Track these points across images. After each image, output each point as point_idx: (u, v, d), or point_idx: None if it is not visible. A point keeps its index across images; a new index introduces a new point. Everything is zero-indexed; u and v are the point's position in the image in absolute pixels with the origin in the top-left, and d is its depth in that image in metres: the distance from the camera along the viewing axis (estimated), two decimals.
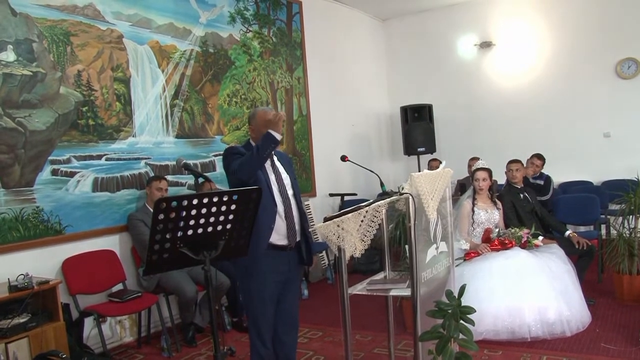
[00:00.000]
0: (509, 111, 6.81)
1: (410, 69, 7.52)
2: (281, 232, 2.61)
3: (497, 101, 6.89)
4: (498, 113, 6.88)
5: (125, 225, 3.93)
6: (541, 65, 6.65)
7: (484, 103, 6.97)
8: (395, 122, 7.30)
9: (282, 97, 5.66)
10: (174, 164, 4.32)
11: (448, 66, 7.20)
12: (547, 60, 6.61)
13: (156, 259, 1.86)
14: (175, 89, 4.43)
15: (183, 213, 1.82)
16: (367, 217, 2.38)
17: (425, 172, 2.73)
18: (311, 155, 6.05)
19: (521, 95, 6.74)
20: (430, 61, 7.32)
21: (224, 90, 4.92)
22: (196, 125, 4.62)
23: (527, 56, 6.72)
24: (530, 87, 6.70)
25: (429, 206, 2.57)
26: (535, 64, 6.68)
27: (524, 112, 6.71)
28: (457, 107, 7.14)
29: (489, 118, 6.95)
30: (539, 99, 6.63)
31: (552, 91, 6.56)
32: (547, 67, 6.61)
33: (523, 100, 6.72)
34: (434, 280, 2.63)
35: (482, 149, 6.48)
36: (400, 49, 7.60)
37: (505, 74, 6.87)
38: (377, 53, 7.62)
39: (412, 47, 7.48)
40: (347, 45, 6.88)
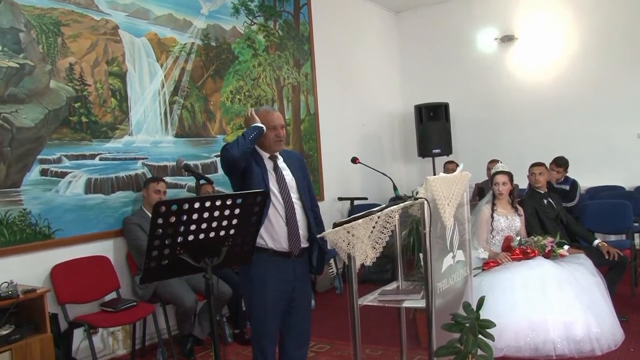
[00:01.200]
0: (531, 110, 6.77)
1: (425, 65, 7.51)
2: (281, 238, 2.60)
3: (519, 99, 6.86)
4: (520, 112, 6.85)
5: (120, 230, 3.95)
6: (567, 60, 6.60)
7: (505, 101, 6.94)
8: (409, 121, 7.30)
9: (288, 94, 5.68)
10: (172, 165, 4.35)
11: (466, 62, 7.19)
12: (574, 55, 6.55)
13: (154, 266, 1.88)
14: (174, 84, 4.46)
15: (184, 217, 1.83)
16: (379, 223, 2.39)
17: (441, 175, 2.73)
18: (319, 157, 6.06)
19: (545, 92, 6.70)
20: (447, 57, 7.32)
21: (226, 86, 4.95)
22: (197, 123, 4.64)
23: (552, 50, 6.68)
24: (556, 84, 6.65)
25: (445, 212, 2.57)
26: (561, 59, 6.64)
27: (548, 111, 6.66)
28: (475, 106, 7.13)
29: (510, 117, 6.91)
30: (564, 96, 6.58)
31: (580, 88, 6.50)
32: (574, 62, 6.55)
33: (547, 98, 6.68)
34: (450, 291, 2.63)
35: (502, 151, 6.45)
36: (415, 43, 7.60)
37: (528, 70, 6.83)
38: (390, 48, 7.63)
39: (428, 41, 7.47)
40: (357, 39, 6.90)
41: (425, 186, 2.52)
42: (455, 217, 2.71)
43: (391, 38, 7.65)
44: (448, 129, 6.81)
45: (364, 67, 7.00)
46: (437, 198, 2.52)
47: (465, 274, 2.88)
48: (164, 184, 4.05)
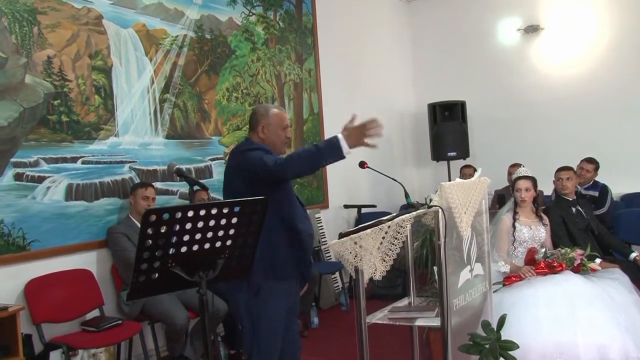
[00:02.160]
0: (558, 109, 6.74)
1: (440, 60, 7.53)
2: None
3: (545, 96, 6.83)
4: (545, 111, 6.82)
5: (104, 240, 3.95)
6: (599, 53, 6.55)
7: (529, 99, 6.93)
8: (422, 122, 7.31)
9: (290, 92, 5.71)
10: (163, 169, 4.37)
11: (485, 55, 7.20)
12: (606, 47, 6.51)
13: (143, 280, 1.89)
14: (165, 81, 4.49)
15: (176, 227, 1.84)
16: (389, 233, 2.40)
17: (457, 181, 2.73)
18: None
19: (574, 89, 6.65)
20: (464, 50, 7.33)
21: (222, 83, 4.98)
22: (190, 124, 4.67)
23: (581, 42, 6.64)
24: (586, 80, 6.60)
25: (462, 221, 2.58)
26: (592, 52, 6.59)
27: (577, 110, 6.62)
28: (495, 104, 7.13)
29: (533, 117, 6.90)
30: (595, 93, 6.53)
31: (613, 84, 6.44)
32: (606, 54, 6.50)
33: (576, 95, 6.63)
34: (467, 309, 2.64)
35: (525, 154, 6.44)
36: (429, 35, 7.62)
37: (554, 65, 6.80)
38: (402, 40, 7.65)
39: (443, 33, 7.49)
40: (366, 32, 6.92)
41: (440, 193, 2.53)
42: (472, 226, 2.72)
43: (403, 30, 7.68)
44: (465, 129, 6.82)
45: (373, 62, 7.02)
46: (452, 206, 2.53)
47: (484, 289, 2.89)
48: (154, 190, 4.07)
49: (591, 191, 5.44)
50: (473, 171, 6.01)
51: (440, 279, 2.39)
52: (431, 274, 3.56)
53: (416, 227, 3.39)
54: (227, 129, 4.99)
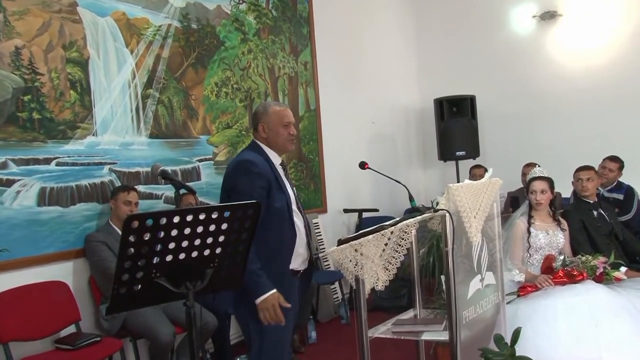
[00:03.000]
0: (577, 103, 6.73)
1: (447, 50, 7.55)
2: (305, 254, 2.81)
3: (563, 90, 6.82)
4: (563, 105, 6.82)
5: (81, 249, 3.94)
6: (622, 42, 6.53)
7: (545, 92, 6.93)
8: (428, 118, 7.33)
9: (284, 87, 5.72)
10: (146, 171, 4.38)
11: (497, 46, 7.21)
12: (630, 36, 6.49)
13: (124, 292, 1.89)
14: (148, 75, 4.50)
15: (161, 234, 1.85)
16: (393, 239, 2.41)
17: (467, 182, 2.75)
18: (321, 161, 6.10)
19: (595, 81, 6.63)
20: (473, 40, 7.35)
21: (210, 77, 4.99)
22: (175, 121, 4.68)
23: (603, 30, 6.62)
24: (608, 71, 6.58)
25: (472, 226, 2.59)
26: (615, 40, 6.57)
27: (598, 104, 6.61)
28: (508, 99, 7.14)
29: (550, 112, 6.91)
30: (618, 86, 6.50)
31: (637, 76, 6.41)
32: (631, 44, 6.48)
33: (598, 88, 6.61)
34: (478, 321, 2.65)
35: (540, 153, 6.45)
36: (435, 24, 7.64)
37: (573, 55, 6.79)
38: (405, 30, 7.67)
39: (450, 21, 7.51)
40: (366, 21, 6.94)
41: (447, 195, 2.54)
42: (483, 232, 2.73)
43: (407, 18, 7.70)
44: (474, 126, 6.83)
45: (375, 54, 7.04)
46: (461, 210, 2.54)
47: (496, 300, 2.90)
48: (136, 194, 4.07)
49: (615, 193, 5.37)
50: (483, 172, 6.05)
51: (448, 289, 2.40)
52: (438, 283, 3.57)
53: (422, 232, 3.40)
54: (216, 127, 5.00)
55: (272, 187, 2.74)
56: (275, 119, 2.88)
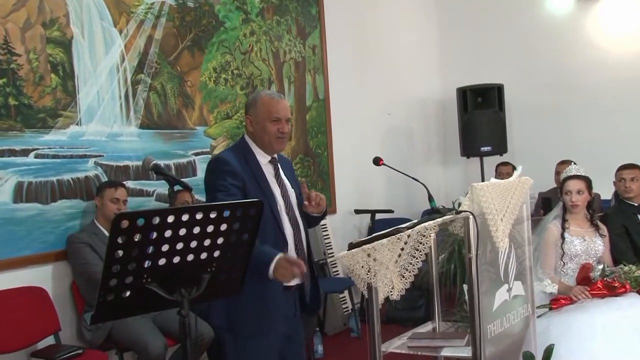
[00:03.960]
0: (620, 93, 6.65)
1: (472, 34, 7.52)
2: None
3: (603, 79, 6.75)
4: (603, 96, 6.75)
5: (63, 251, 3.95)
6: None
7: (583, 82, 6.86)
8: (450, 110, 7.31)
9: (290, 73, 5.73)
10: (137, 165, 4.40)
11: (529, 28, 7.16)
12: None
13: (112, 299, 1.90)
14: (139, 58, 4.51)
15: (153, 235, 1.86)
16: (409, 244, 2.41)
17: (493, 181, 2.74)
18: (330, 157, 6.11)
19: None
20: (502, 22, 7.31)
21: (208, 62, 5.00)
22: (169, 111, 4.69)
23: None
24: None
25: (498, 230, 2.59)
26: None
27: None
28: (540, 88, 7.10)
29: (588, 103, 6.84)
30: None
31: None
32: None
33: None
34: (505, 337, 2.64)
35: (576, 149, 6.40)
36: (459, 5, 7.62)
37: (618, 39, 6.71)
38: (426, 11, 7.66)
39: (476, 2, 7.49)
40: (382, 1, 6.93)
41: (471, 196, 2.53)
42: (511, 237, 2.73)
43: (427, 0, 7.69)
44: (502, 119, 6.81)
45: (391, 38, 7.03)
46: (486, 211, 2.54)
47: (525, 313, 2.90)
48: (125, 191, 4.08)
49: None
50: (512, 170, 6.02)
51: (471, 300, 2.40)
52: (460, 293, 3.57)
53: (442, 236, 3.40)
54: (215, 117, 5.01)
55: (249, 188, 2.72)
56: (262, 112, 2.82)
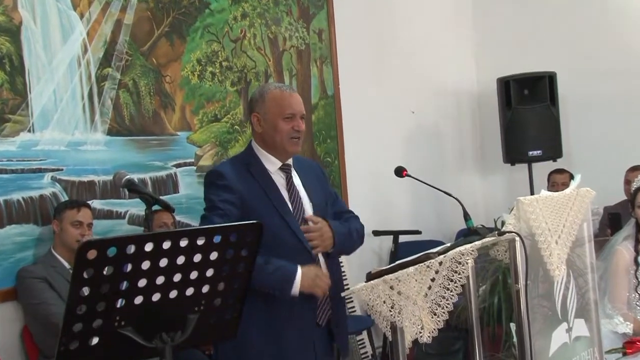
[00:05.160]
0: None
1: (516, 12, 7.52)
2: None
3: None
4: None
5: (12, 289, 3.94)
6: None
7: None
8: (489, 105, 7.30)
9: (291, 64, 5.74)
10: (105, 181, 4.41)
11: (588, 5, 7.17)
12: None
13: (76, 348, 1.90)
14: (105, 48, 4.52)
15: (127, 267, 1.87)
16: (442, 273, 2.41)
17: (545, 194, 2.74)
18: (342, 166, 6.10)
19: None
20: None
21: (191, 52, 5.01)
22: (144, 113, 4.70)
23: None
24: None
25: (552, 254, 2.59)
26: None
27: None
28: (602, 77, 7.04)
29: None
30: None
31: None
32: None
33: None
34: None
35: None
36: None
37: None
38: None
39: None
40: None
41: (517, 212, 2.53)
42: (569, 263, 2.72)
43: None
44: (555, 116, 6.79)
45: (415, 19, 7.05)
46: (537, 232, 2.53)
47: (591, 359, 2.88)
48: (89, 212, 4.09)
49: None
50: (568, 179, 6.01)
51: (521, 343, 2.40)
52: (507, 334, 3.56)
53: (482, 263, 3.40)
54: (200, 120, 5.02)
55: (251, 205, 2.77)
56: (272, 108, 2.88)
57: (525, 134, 6.74)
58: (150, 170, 4.70)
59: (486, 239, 2.54)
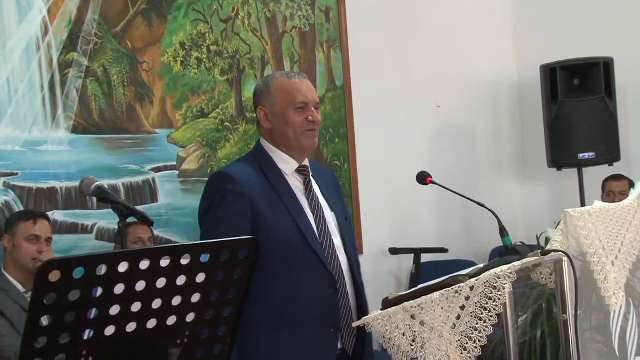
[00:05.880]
0: None
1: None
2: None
3: None
4: None
5: None
6: None
7: None
8: (531, 98, 7.30)
9: (293, 49, 5.75)
10: (69, 187, 4.42)
11: None
12: None
13: None
14: (69, 29, 4.53)
15: (97, 292, 1.87)
16: (474, 300, 2.42)
17: (599, 204, 2.75)
18: (353, 171, 6.11)
19: None
20: None
21: (173, 35, 5.03)
22: (116, 106, 4.71)
23: None
24: None
25: (608, 278, 2.59)
26: None
27: None
28: None
29: None
30: None
31: None
32: None
33: None
34: None
35: None
36: None
37: None
38: None
39: None
40: None
41: (565, 227, 2.54)
42: (629, 289, 2.72)
43: None
44: (612, 110, 6.78)
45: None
46: (589, 251, 2.54)
47: None
48: (48, 225, 4.10)
49: None
50: (627, 187, 5.99)
51: None
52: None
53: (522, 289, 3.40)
54: (183, 115, 5.03)
55: (266, 214, 2.80)
56: (281, 99, 2.93)
57: (574, 133, 6.72)
58: (124, 175, 4.71)
59: (527, 260, 2.54)
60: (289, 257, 2.80)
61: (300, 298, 2.82)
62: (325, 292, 2.82)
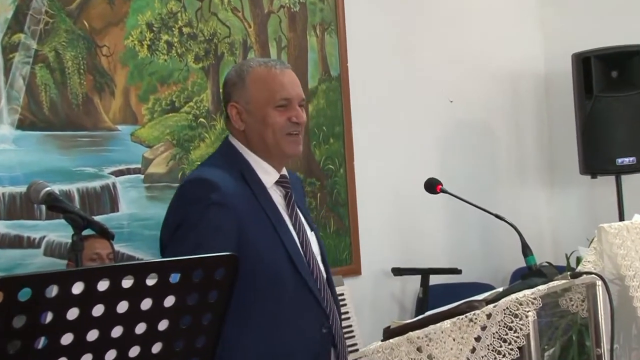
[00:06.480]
0: None
1: None
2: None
3: None
4: None
5: None
6: None
7: None
8: (561, 92, 7.33)
9: (280, 33, 5.77)
10: (15, 193, 4.42)
11: None
12: None
13: None
14: (14, 6, 4.54)
15: (46, 317, 1.87)
16: (492, 329, 2.43)
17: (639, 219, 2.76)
18: (350, 176, 6.13)
19: None
20: None
21: (138, 14, 5.04)
22: (70, 98, 4.72)
23: None
24: None
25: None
26: None
27: None
28: None
29: None
30: None
31: None
32: None
33: None
34: None
35: None
36: None
37: None
38: None
39: None
40: None
41: (600, 245, 2.55)
42: None
43: None
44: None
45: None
46: (628, 273, 2.55)
47: None
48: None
49: None
50: None
51: None
52: None
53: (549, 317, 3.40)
54: (150, 109, 5.04)
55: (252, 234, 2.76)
56: (258, 94, 2.87)
57: (612, 134, 6.75)
58: (79, 179, 4.71)
59: (554, 283, 2.55)
60: (278, 292, 2.76)
61: (290, 342, 2.78)
62: (317, 333, 2.82)
